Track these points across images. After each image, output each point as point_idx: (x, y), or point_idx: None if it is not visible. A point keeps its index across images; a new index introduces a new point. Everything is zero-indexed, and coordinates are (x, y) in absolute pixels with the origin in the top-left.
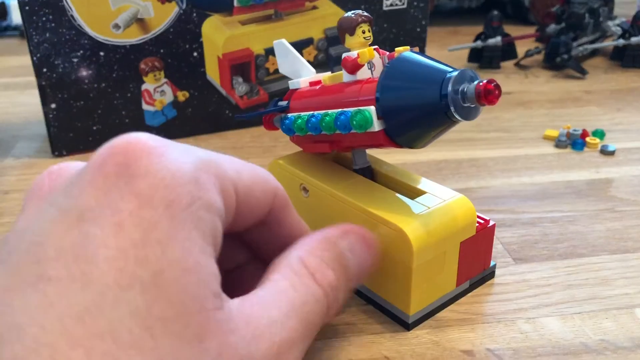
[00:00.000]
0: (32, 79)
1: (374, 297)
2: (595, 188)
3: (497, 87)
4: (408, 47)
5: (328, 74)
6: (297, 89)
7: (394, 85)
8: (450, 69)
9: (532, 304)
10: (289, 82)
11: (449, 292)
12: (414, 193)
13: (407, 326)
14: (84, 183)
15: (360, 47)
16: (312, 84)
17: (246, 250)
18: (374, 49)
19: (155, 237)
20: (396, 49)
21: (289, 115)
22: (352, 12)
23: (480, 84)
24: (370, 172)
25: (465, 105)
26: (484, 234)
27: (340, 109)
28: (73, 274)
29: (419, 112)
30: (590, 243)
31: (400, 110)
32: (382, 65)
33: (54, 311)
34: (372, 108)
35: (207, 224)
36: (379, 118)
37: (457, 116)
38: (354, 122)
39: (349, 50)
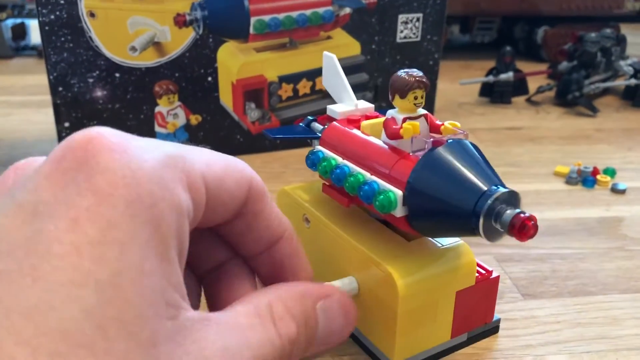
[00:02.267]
0: (48, 97)
1: (363, 339)
2: (606, 226)
3: (535, 226)
4: (457, 124)
5: (366, 107)
6: (333, 120)
7: (428, 181)
8: (494, 182)
9: (540, 341)
10: (328, 107)
11: (442, 343)
12: (414, 235)
13: None
14: (40, 177)
15: (408, 111)
16: (350, 121)
17: (226, 248)
18: (424, 116)
19: (114, 237)
20: (444, 125)
21: (318, 150)
22: (407, 71)
23: (520, 215)
24: None
25: (495, 226)
26: (485, 285)
27: (368, 175)
28: (23, 269)
29: (446, 217)
30: (600, 281)
31: (428, 209)
32: (426, 136)
33: (1, 306)
34: (400, 193)
35: (171, 226)
36: (403, 204)
37: (482, 234)
38: (377, 202)
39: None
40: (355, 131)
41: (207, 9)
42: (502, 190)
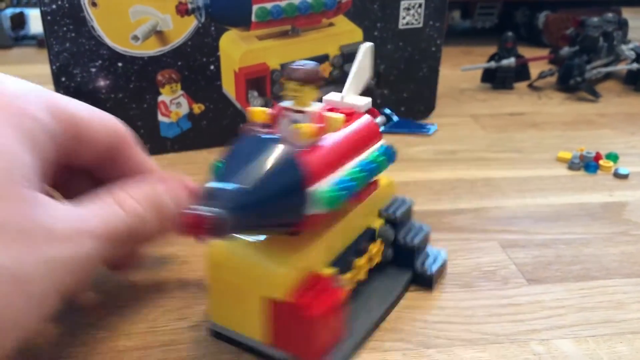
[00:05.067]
0: (49, 87)
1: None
2: (609, 211)
3: (201, 219)
4: (303, 126)
5: (354, 103)
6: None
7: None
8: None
9: (545, 326)
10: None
11: (255, 338)
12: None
13: (210, 332)
14: None
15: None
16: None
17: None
18: (309, 113)
19: None
20: (295, 125)
21: None
22: (298, 63)
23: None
24: None
25: None
26: (304, 312)
27: None
28: None
29: None
30: (604, 266)
31: None
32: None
33: None
34: None
35: (31, 131)
36: None
37: None
38: None
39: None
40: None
41: None
42: (208, 186)
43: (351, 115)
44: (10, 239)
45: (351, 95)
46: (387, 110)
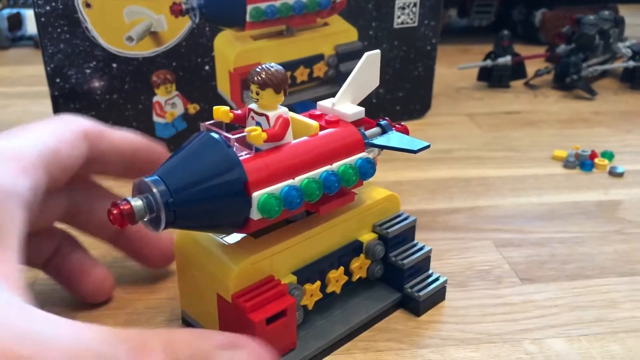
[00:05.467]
0: (45, 88)
1: None
2: (604, 209)
3: (118, 212)
4: (252, 130)
5: (343, 111)
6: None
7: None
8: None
9: (538, 325)
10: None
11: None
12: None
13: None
14: None
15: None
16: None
17: (54, 236)
18: (266, 115)
19: None
20: (247, 129)
21: None
22: (263, 66)
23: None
24: None
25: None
26: (248, 315)
27: None
28: None
29: None
30: (598, 265)
31: None
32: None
33: None
34: None
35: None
36: None
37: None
38: None
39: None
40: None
41: None
42: (142, 179)
43: (336, 123)
44: None
45: (344, 102)
46: (383, 122)
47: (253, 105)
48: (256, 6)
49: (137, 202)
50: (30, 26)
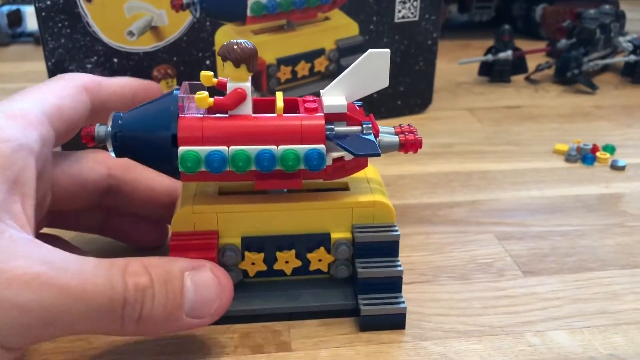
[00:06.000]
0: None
1: None
2: (605, 203)
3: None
4: (200, 95)
5: (330, 102)
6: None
7: None
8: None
9: (540, 317)
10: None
11: None
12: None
13: None
14: None
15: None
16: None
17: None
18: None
19: None
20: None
21: None
22: (234, 41)
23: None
24: None
25: None
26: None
27: None
28: None
29: None
30: (600, 257)
31: None
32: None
33: None
34: None
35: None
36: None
37: None
38: None
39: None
40: None
41: None
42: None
43: (313, 110)
44: None
45: (335, 94)
46: (367, 123)
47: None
48: (257, 0)
49: (99, 128)
50: (30, 23)
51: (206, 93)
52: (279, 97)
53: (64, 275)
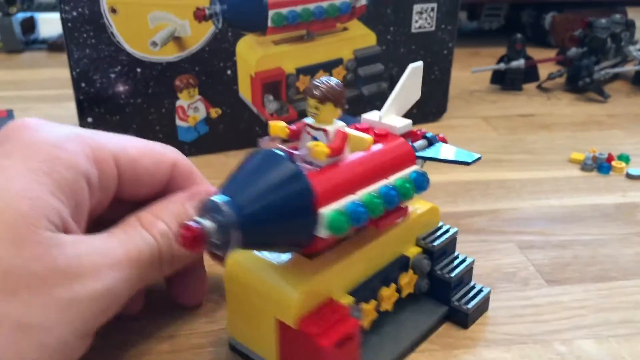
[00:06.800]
0: (63, 91)
1: None
2: (623, 212)
3: (190, 235)
4: (315, 145)
5: (390, 123)
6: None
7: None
8: (228, 192)
9: (567, 326)
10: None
11: (267, 357)
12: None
13: (229, 346)
14: None
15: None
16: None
17: None
18: (323, 130)
19: (5, 175)
20: (308, 143)
21: None
22: (325, 79)
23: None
24: None
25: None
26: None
27: None
28: None
29: None
30: (622, 266)
31: None
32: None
33: None
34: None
35: (64, 178)
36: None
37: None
38: None
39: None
40: None
41: (226, 3)
42: (210, 199)
43: (385, 137)
44: (19, 286)
45: (390, 115)
46: (429, 134)
47: (309, 120)
48: (278, 11)
49: (207, 223)
50: (43, 29)
51: (321, 142)
52: (354, 131)
53: (111, 254)
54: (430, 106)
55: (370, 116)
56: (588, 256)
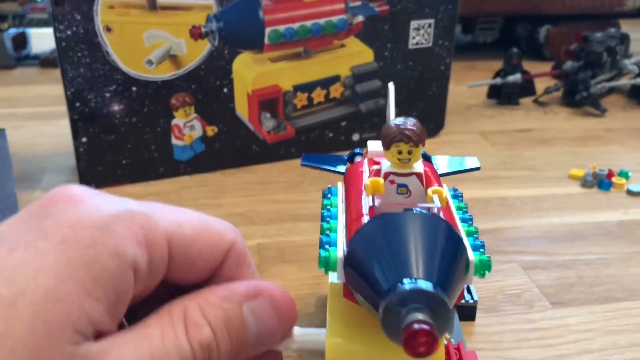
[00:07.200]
0: (56, 108)
1: None
2: (626, 230)
3: (430, 334)
4: (442, 190)
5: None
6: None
7: (355, 254)
8: (407, 273)
9: (574, 350)
10: (369, 142)
11: None
12: None
13: None
14: (14, 217)
15: (395, 166)
16: (370, 162)
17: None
18: (416, 174)
19: (36, 265)
20: (428, 192)
21: (332, 187)
22: (402, 120)
23: (413, 326)
24: None
25: (398, 339)
26: None
27: (340, 226)
28: None
29: (364, 297)
30: (627, 287)
31: (353, 283)
32: (419, 198)
33: None
34: (341, 255)
35: (106, 269)
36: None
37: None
38: (320, 259)
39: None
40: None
41: (223, 21)
42: (402, 289)
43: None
44: None
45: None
46: (422, 151)
47: (392, 168)
48: (274, 29)
49: (427, 317)
50: (36, 45)
51: (439, 189)
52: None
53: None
54: (428, 122)
55: (375, 147)
56: (592, 276)
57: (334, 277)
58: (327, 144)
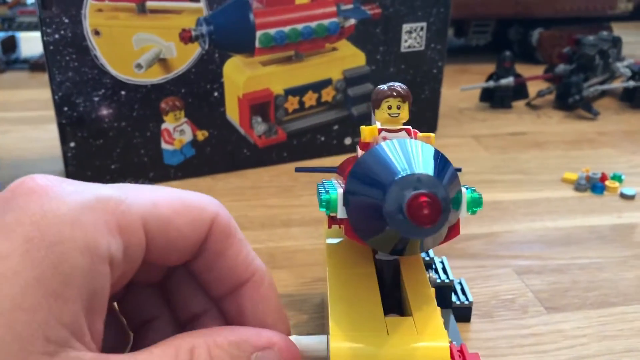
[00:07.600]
0: (44, 113)
1: None
2: (620, 233)
3: (432, 203)
4: (432, 135)
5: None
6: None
7: (357, 177)
8: (412, 168)
9: (569, 356)
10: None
11: None
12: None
13: None
14: None
15: (385, 123)
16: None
17: (161, 304)
18: (405, 130)
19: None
20: (419, 134)
21: (327, 181)
22: (388, 84)
23: (414, 195)
24: (393, 268)
25: (403, 219)
26: None
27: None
28: None
29: (364, 214)
30: (621, 292)
31: (353, 207)
32: None
33: None
34: (340, 192)
35: (76, 266)
36: (344, 204)
37: (392, 229)
38: (321, 201)
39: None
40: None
41: (213, 24)
42: (405, 173)
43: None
44: None
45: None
46: None
47: (383, 125)
48: (265, 32)
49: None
50: (25, 49)
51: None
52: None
53: None
54: (420, 125)
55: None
56: (587, 281)
57: (331, 239)
58: (319, 148)
